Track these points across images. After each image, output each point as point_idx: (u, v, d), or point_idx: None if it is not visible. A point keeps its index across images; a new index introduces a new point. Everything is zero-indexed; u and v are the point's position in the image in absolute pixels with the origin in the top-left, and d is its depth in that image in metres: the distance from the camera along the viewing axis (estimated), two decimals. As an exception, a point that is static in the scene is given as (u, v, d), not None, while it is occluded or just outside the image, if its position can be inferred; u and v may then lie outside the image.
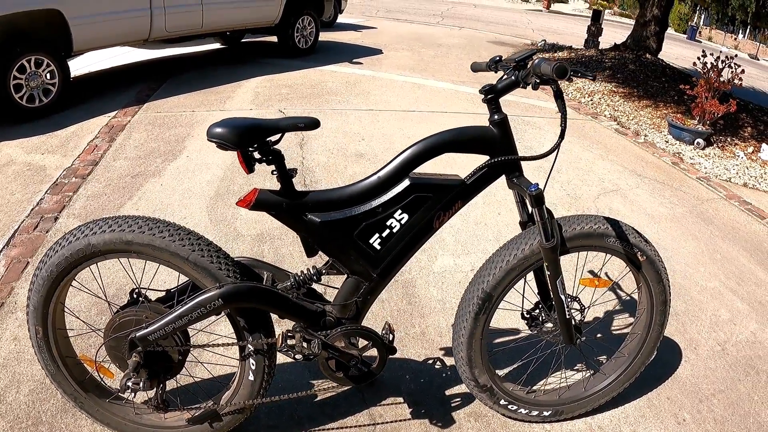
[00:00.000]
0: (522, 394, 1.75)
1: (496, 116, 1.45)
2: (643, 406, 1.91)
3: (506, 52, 8.34)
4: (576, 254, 1.59)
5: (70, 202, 2.87)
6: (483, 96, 1.47)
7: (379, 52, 7.45)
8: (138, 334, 1.35)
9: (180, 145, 3.70)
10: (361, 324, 1.54)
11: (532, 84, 1.36)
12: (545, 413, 1.75)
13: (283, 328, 1.55)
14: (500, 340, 2.14)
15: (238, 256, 1.49)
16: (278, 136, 1.33)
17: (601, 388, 1.79)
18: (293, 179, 1.38)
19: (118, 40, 4.78)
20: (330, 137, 4.02)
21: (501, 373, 1.96)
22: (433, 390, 1.88)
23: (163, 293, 1.47)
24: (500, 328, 2.18)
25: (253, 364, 1.45)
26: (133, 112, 4.25)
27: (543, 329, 1.66)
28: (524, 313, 1.69)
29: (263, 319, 1.43)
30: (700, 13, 24.99)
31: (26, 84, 3.90)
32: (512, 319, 2.17)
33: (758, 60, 21.95)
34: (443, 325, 2.20)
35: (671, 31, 21.66)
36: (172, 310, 1.35)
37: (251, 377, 1.46)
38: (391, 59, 7.06)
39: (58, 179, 3.11)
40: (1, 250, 2.43)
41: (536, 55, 1.44)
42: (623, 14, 29.31)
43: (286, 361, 1.76)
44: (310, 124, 1.36)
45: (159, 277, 2.08)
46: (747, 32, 23.57)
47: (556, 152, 1.44)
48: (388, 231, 1.44)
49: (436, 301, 2.35)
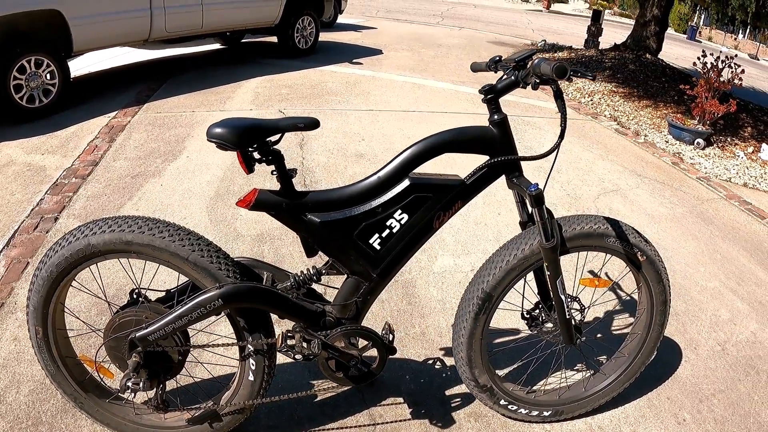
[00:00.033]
0: (522, 394, 1.75)
1: (496, 116, 1.45)
2: (643, 406, 1.91)
3: (506, 52, 8.34)
4: (576, 254, 1.59)
5: (70, 203, 2.87)
6: (483, 96, 1.47)
7: (379, 52, 7.45)
8: (138, 335, 1.35)
9: (180, 145, 3.70)
10: (361, 324, 1.54)
11: (531, 84, 1.36)
12: (545, 413, 1.75)
13: (283, 328, 1.55)
14: (500, 340, 2.14)
15: (238, 257, 1.49)
16: (278, 136, 1.33)
17: (601, 388, 1.79)
18: (293, 179, 1.38)
19: (118, 40, 4.78)
20: (330, 137, 4.02)
21: (501, 373, 1.96)
22: (433, 390, 1.87)
23: (163, 293, 1.47)
24: (500, 328, 2.18)
25: (253, 365, 1.45)
26: (133, 113, 4.25)
27: (543, 329, 1.66)
28: (524, 313, 1.69)
29: (263, 320, 1.43)
30: (700, 13, 25.00)
31: (26, 84, 3.90)
32: (512, 319, 2.17)
33: (758, 60, 21.96)
34: (443, 325, 2.20)
35: (671, 31, 21.66)
36: (172, 310, 1.35)
37: (251, 377, 1.47)
38: (391, 59, 7.06)
39: (58, 179, 3.11)
40: (1, 251, 2.43)
41: (536, 55, 1.43)
42: (623, 14, 29.32)
43: (286, 361, 1.76)
44: (310, 125, 1.36)
45: (159, 278, 2.08)
46: (747, 32, 23.57)
47: (556, 152, 1.44)
48: (387, 231, 1.44)
49: (436, 302, 2.35)
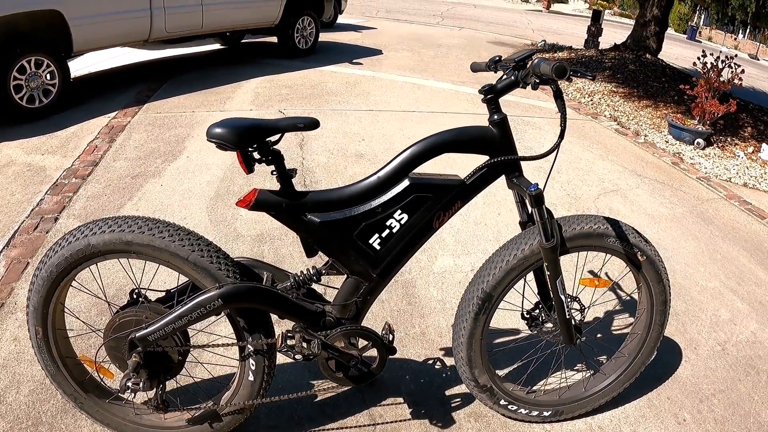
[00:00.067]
0: (522, 394, 1.75)
1: (496, 116, 1.45)
2: (643, 406, 1.91)
3: (506, 53, 8.33)
4: (576, 254, 1.59)
5: (70, 203, 2.87)
6: (483, 96, 1.47)
7: (379, 52, 7.45)
8: (138, 335, 1.35)
9: (180, 145, 3.70)
10: (361, 324, 1.54)
11: (531, 84, 1.37)
12: (545, 413, 1.75)
13: (282, 328, 1.55)
14: (500, 340, 2.14)
15: (237, 257, 1.49)
16: (278, 136, 1.33)
17: (601, 388, 1.79)
18: (293, 179, 1.38)
19: (118, 40, 4.78)
20: (330, 138, 4.02)
21: (501, 373, 1.96)
22: (433, 390, 1.87)
23: (163, 294, 1.47)
24: (500, 328, 2.18)
25: (253, 365, 1.45)
26: (133, 113, 4.25)
27: (543, 329, 1.66)
28: (524, 313, 1.69)
29: (263, 320, 1.43)
30: (700, 13, 25.00)
31: (26, 85, 3.90)
32: (512, 320, 2.17)
33: (758, 60, 21.96)
34: (443, 325, 2.20)
35: (671, 31, 21.66)
36: (171, 310, 1.35)
37: (251, 377, 1.46)
38: (391, 60, 7.06)
39: (58, 180, 3.11)
40: (1, 251, 2.43)
41: (536, 55, 1.43)
42: (623, 14, 29.32)
43: (286, 361, 1.76)
44: (310, 125, 1.36)
45: (159, 278, 2.08)
46: (747, 32, 23.58)
47: (555, 152, 1.44)
48: (387, 231, 1.44)
49: (436, 302, 2.35)
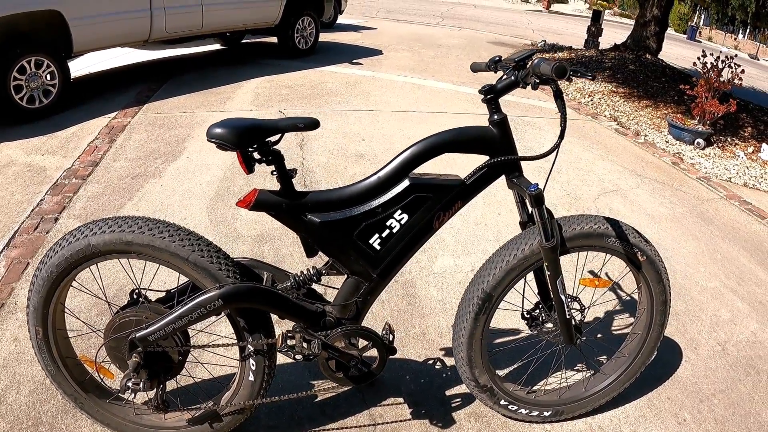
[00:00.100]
0: (522, 394, 1.75)
1: (496, 116, 1.45)
2: (643, 406, 1.91)
3: (506, 53, 8.33)
4: (576, 254, 1.59)
5: (70, 203, 2.87)
6: (483, 96, 1.47)
7: (379, 52, 7.45)
8: (138, 335, 1.35)
9: (180, 145, 3.70)
10: (361, 324, 1.54)
11: (531, 84, 1.37)
12: (545, 413, 1.75)
13: (283, 328, 1.55)
14: (500, 341, 2.14)
15: (238, 257, 1.49)
16: (278, 136, 1.33)
17: (602, 388, 1.79)
18: (293, 180, 1.38)
19: (119, 41, 4.78)
20: (330, 138, 4.02)
21: (501, 373, 1.96)
22: (434, 390, 1.87)
23: (163, 294, 1.47)
24: (500, 329, 2.18)
25: (253, 365, 1.45)
26: (133, 113, 4.26)
27: (543, 329, 1.66)
28: (524, 313, 1.69)
29: (263, 320, 1.43)
30: (700, 13, 25.00)
31: (26, 85, 3.91)
32: (512, 320, 2.17)
33: (758, 60, 21.96)
34: (443, 325, 2.20)
35: (671, 31, 21.67)
36: (172, 310, 1.35)
37: (251, 378, 1.46)
38: (391, 60, 7.06)
39: (58, 180, 3.11)
40: (2, 251, 2.43)
41: (536, 55, 1.43)
42: (623, 14, 29.33)
43: (286, 361, 1.76)
44: (310, 125, 1.36)
45: (159, 278, 2.08)
46: (747, 32, 23.57)
47: (555, 152, 1.44)
48: (387, 231, 1.44)
49: (436, 302, 2.35)
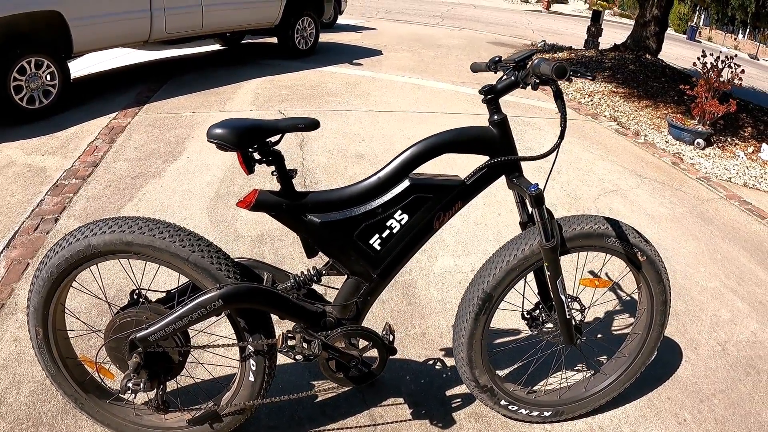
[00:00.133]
0: (522, 394, 1.75)
1: (496, 116, 1.45)
2: (643, 406, 1.91)
3: (506, 53, 8.33)
4: (576, 254, 1.59)
5: (70, 204, 2.87)
6: (483, 96, 1.47)
7: (379, 53, 7.46)
8: (138, 335, 1.35)
9: (180, 146, 3.70)
10: (362, 324, 1.54)
11: (531, 84, 1.37)
12: (546, 413, 1.75)
13: (283, 328, 1.55)
14: (501, 341, 2.14)
15: (238, 257, 1.49)
16: (278, 136, 1.33)
17: (602, 389, 1.79)
18: (293, 180, 1.38)
19: (118, 41, 4.78)
20: (330, 138, 4.02)
21: (501, 373, 1.96)
22: (434, 390, 1.87)
23: (164, 294, 1.47)
24: (500, 329, 2.18)
25: (253, 365, 1.45)
26: (133, 114, 4.26)
27: (543, 329, 1.66)
28: (524, 313, 1.69)
29: (263, 320, 1.43)
30: (700, 13, 25.01)
31: (26, 85, 3.91)
32: (512, 320, 2.17)
33: (758, 60, 21.96)
34: (443, 325, 2.20)
35: (671, 32, 21.67)
36: (172, 311, 1.35)
37: (252, 378, 1.46)
38: (391, 60, 7.06)
39: (58, 180, 3.11)
40: (2, 252, 2.43)
41: (536, 55, 1.44)
42: (623, 15, 29.33)
43: (286, 361, 1.76)
44: (310, 125, 1.36)
45: (159, 278, 2.08)
46: (747, 32, 23.58)
47: (556, 152, 1.44)
48: (388, 231, 1.44)
49: (437, 302, 2.35)
